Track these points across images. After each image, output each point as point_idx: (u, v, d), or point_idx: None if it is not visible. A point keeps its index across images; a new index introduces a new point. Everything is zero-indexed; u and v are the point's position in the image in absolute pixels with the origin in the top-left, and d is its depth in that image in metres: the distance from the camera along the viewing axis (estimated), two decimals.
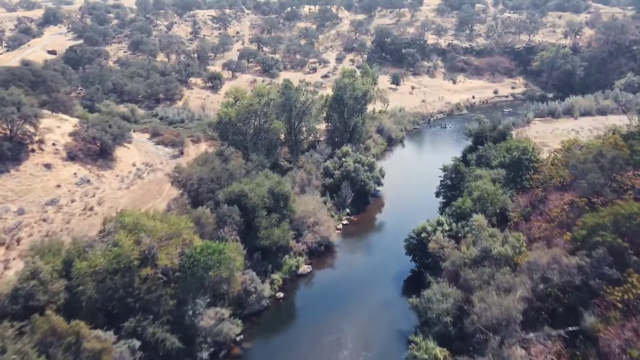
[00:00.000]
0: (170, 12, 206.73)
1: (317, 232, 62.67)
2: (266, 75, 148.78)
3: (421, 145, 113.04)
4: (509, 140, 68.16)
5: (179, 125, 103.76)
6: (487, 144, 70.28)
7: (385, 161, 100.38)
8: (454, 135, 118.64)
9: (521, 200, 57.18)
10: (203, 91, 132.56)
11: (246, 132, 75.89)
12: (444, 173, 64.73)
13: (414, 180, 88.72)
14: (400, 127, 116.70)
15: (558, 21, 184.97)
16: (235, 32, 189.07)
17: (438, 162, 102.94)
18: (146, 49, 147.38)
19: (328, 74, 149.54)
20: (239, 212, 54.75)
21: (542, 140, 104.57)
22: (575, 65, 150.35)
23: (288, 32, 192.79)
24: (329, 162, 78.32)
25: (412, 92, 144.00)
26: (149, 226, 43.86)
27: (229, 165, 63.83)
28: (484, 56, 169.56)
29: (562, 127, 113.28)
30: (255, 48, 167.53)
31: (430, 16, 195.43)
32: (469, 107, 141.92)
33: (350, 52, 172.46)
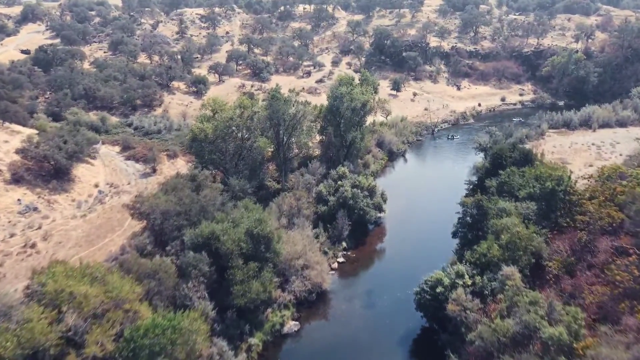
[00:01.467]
0: (157, 10, 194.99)
1: (307, 278, 51.50)
2: (256, 79, 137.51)
3: (426, 160, 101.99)
4: (538, 166, 56.98)
5: (155, 137, 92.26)
6: (510, 169, 59.20)
7: (386, 178, 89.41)
8: (462, 147, 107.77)
9: (560, 245, 46.18)
10: (186, 97, 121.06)
11: (225, 151, 64.55)
12: (462, 209, 53.39)
13: (420, 203, 77.80)
14: (402, 139, 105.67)
15: (567, 24, 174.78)
16: (224, 32, 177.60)
17: (446, 181, 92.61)
18: (126, 49, 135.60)
19: (323, 78, 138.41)
20: (208, 261, 43.45)
21: (561, 157, 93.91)
22: (588, 72, 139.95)
23: (281, 32, 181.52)
24: (322, 186, 67.09)
25: (414, 99, 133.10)
26: (78, 293, 32.51)
27: (201, 195, 52.53)
28: (490, 60, 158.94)
29: (581, 140, 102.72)
30: (245, 49, 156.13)
31: (431, 17, 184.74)
32: (475, 115, 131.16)
33: (347, 54, 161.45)
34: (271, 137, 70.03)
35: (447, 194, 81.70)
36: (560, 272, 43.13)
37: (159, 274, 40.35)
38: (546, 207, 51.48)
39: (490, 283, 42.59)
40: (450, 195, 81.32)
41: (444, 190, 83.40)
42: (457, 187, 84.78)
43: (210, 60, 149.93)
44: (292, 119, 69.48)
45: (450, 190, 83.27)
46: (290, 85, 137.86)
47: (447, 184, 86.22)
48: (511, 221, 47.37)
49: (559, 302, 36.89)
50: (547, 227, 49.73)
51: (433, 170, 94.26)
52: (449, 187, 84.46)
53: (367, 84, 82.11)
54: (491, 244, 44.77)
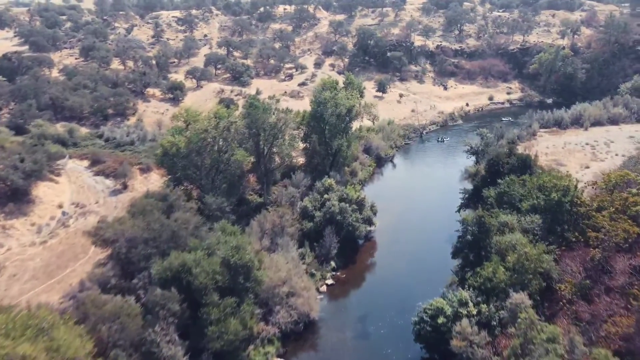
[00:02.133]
0: (132, 13, 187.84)
1: (292, 307, 46.35)
2: (236, 84, 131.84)
3: (415, 165, 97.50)
4: (541, 175, 52.60)
5: (127, 149, 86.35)
6: (510, 178, 54.84)
7: (375, 186, 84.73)
8: (452, 150, 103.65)
9: (570, 263, 41.80)
10: (162, 104, 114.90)
11: (201, 166, 59.07)
12: (462, 226, 48.73)
13: (412, 213, 73.19)
14: (389, 143, 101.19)
15: (552, 20, 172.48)
16: (202, 35, 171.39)
17: (438, 187, 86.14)
18: (98, 55, 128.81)
19: (306, 81, 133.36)
20: (178, 298, 38.08)
21: (555, 158, 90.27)
22: (576, 68, 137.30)
23: (261, 34, 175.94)
24: (307, 201, 61.95)
25: (401, 100, 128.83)
26: (16, 356, 26.93)
27: (172, 218, 47.06)
28: (476, 58, 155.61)
29: (574, 140, 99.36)
30: (224, 53, 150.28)
31: (415, 16, 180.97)
32: (464, 116, 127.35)
33: (329, 55, 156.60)
34: (251, 148, 64.79)
35: (439, 201, 77.46)
36: (574, 296, 38.75)
37: (121, 317, 34.88)
38: (552, 220, 47.18)
39: (498, 312, 37.99)
40: (443, 202, 77.11)
41: (437, 197, 79.10)
42: (450, 194, 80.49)
43: (188, 64, 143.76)
44: (272, 129, 64.27)
45: (443, 198, 79.08)
46: (271, 89, 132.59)
47: (439, 191, 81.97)
48: (516, 238, 42.89)
49: (579, 337, 32.42)
50: (554, 243, 45.40)
51: (424, 176, 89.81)
52: (441, 194, 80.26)
53: (352, 88, 77.23)
54: (496, 267, 40.16)
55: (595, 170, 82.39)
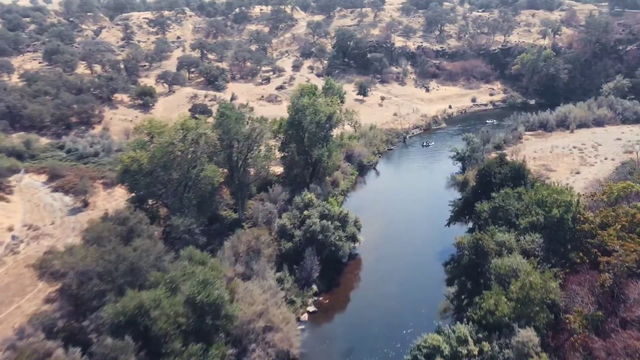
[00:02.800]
0: (101, 15, 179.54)
1: (270, 344, 41.20)
2: (211, 88, 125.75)
3: (400, 172, 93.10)
4: (539, 188, 48.48)
5: (91, 161, 79.79)
6: (505, 191, 50.70)
7: (358, 197, 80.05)
8: (437, 155, 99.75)
9: (578, 290, 37.65)
10: (130, 111, 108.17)
11: (167, 183, 53.41)
12: (457, 251, 44.27)
13: (398, 225, 68.71)
14: (372, 149, 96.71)
15: (532, 20, 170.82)
16: (175, 37, 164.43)
17: (424, 196, 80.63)
18: (62, 59, 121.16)
19: (284, 84, 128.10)
20: (133, 347, 32.56)
21: (544, 163, 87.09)
22: (558, 69, 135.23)
23: (237, 36, 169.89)
24: (286, 218, 56.79)
25: (382, 103, 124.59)
26: None
27: (131, 247, 41.39)
28: (457, 59, 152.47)
29: (561, 143, 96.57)
30: (198, 55, 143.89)
31: (395, 16, 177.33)
32: (447, 119, 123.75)
33: (308, 57, 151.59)
34: (223, 161, 59.36)
35: (427, 212, 73.16)
36: (585, 329, 34.54)
37: None
38: (553, 239, 43.09)
39: (502, 351, 33.55)
40: (430, 213, 72.78)
41: (423, 207, 74.79)
42: (437, 203, 76.16)
43: (160, 68, 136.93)
44: (246, 139, 58.94)
45: (431, 207, 74.80)
46: (248, 93, 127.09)
47: (426, 200, 77.74)
48: (517, 262, 38.58)
49: None
50: (556, 265, 41.30)
51: (409, 184, 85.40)
52: (428, 204, 76.04)
53: (332, 93, 72.38)
54: (498, 298, 35.74)
55: (586, 176, 79.43)
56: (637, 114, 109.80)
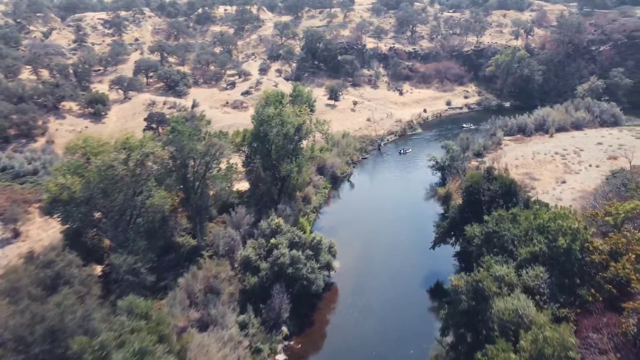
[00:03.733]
0: (52, 15, 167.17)
1: None
2: (171, 94, 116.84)
3: (376, 183, 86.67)
4: (540, 211, 42.64)
5: (28, 180, 70.24)
6: (498, 213, 44.81)
7: (332, 212, 73.12)
8: (414, 163, 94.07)
9: (595, 338, 31.77)
10: (80, 120, 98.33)
11: (108, 212, 45.20)
12: (453, 294, 37.78)
13: (376, 246, 62.14)
14: (345, 158, 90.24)
15: (503, 20, 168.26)
16: (133, 39, 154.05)
17: (404, 210, 73.72)
18: (2, 64, 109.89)
19: (250, 89, 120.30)
20: None
21: (527, 171, 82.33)
22: (532, 70, 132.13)
23: (200, 37, 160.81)
24: (250, 248, 49.37)
25: (355, 108, 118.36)
26: None
27: (53, 302, 33.23)
28: (430, 61, 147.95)
29: (541, 148, 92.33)
30: (158, 59, 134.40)
31: (365, 16, 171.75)
32: (422, 123, 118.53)
33: (276, 60, 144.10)
34: (177, 183, 51.47)
35: (408, 229, 66.90)
36: None
37: None
38: (559, 272, 37.25)
39: None
40: (412, 230, 66.66)
41: (404, 223, 68.51)
42: (418, 218, 70.41)
43: (116, 72, 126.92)
44: (203, 157, 51.22)
45: (412, 224, 68.64)
46: (211, 99, 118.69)
47: (406, 214, 71.54)
48: (522, 306, 32.44)
49: None
50: (565, 304, 35.47)
51: (387, 196, 79.00)
52: (409, 219, 69.90)
53: (301, 101, 65.32)
54: (506, 357, 29.37)
55: (572, 185, 74.89)
56: (614, 116, 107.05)
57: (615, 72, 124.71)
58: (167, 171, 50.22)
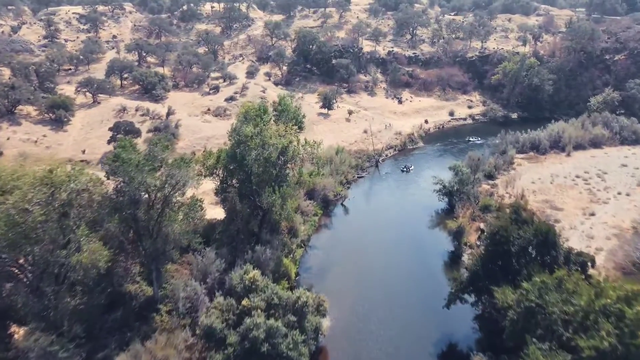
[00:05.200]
0: (25, 8, 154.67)
1: None
2: (147, 98, 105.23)
3: (374, 209, 75.27)
4: (606, 287, 31.79)
5: None
6: (541, 280, 34.02)
7: (323, 246, 61.75)
8: (415, 183, 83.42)
9: None
10: (38, 128, 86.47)
11: (24, 271, 33.80)
12: None
13: (376, 296, 51.01)
14: (339, 178, 79.33)
15: (508, 25, 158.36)
16: (110, 36, 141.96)
17: (407, 246, 61.64)
18: None
19: (235, 94, 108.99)
20: None
21: (546, 199, 71.74)
22: (543, 79, 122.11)
23: (184, 36, 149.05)
24: (215, 315, 38.15)
25: (350, 118, 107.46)
26: None
27: None
28: (431, 67, 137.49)
29: (560, 170, 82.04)
30: (135, 58, 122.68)
31: (362, 17, 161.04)
32: (424, 136, 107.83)
33: (265, 62, 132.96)
34: (121, 226, 40.11)
35: (413, 270, 56.01)
36: None
37: None
38: None
39: None
40: (418, 273, 55.89)
41: (408, 263, 57.52)
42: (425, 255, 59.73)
43: (88, 72, 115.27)
44: (159, 191, 39.94)
45: (418, 263, 57.70)
46: (192, 104, 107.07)
47: (411, 251, 60.49)
48: None
49: None
50: None
51: (386, 225, 67.84)
52: (414, 257, 58.91)
53: (288, 117, 54.21)
54: None
55: (604, 219, 64.02)
56: (636, 133, 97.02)
57: (632, 83, 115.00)
58: (110, 210, 38.78)
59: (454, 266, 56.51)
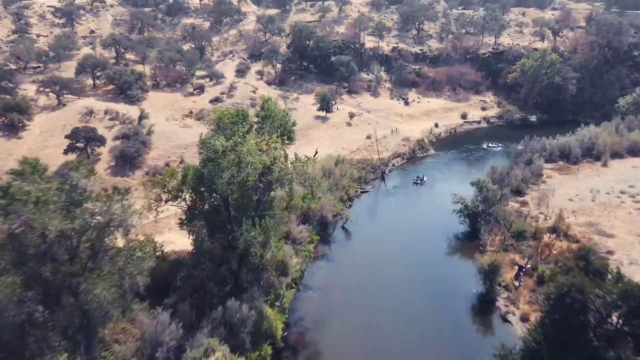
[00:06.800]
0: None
1: None
2: (123, 99, 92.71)
3: (379, 231, 62.25)
4: None
5: None
6: None
7: (318, 285, 48.80)
8: (428, 196, 71.24)
9: None
10: None
11: None
12: None
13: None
14: (339, 194, 66.93)
15: (522, 19, 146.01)
16: (88, 30, 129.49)
17: (422, 283, 48.64)
18: None
19: (221, 95, 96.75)
20: None
21: (589, 221, 59.21)
22: (565, 78, 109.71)
23: (170, 31, 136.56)
24: None
25: (351, 122, 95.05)
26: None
27: None
28: (440, 65, 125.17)
29: (598, 184, 69.65)
30: (113, 55, 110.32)
31: (363, 11, 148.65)
32: (434, 141, 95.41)
33: (257, 60, 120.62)
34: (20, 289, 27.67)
35: (436, 323, 43.00)
36: None
37: None
38: None
39: None
40: (444, 327, 43.06)
41: (427, 312, 44.80)
42: (446, 301, 47.25)
43: (59, 70, 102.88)
44: (79, 236, 27.47)
45: (439, 313, 44.99)
46: (172, 107, 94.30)
47: (428, 293, 47.65)
48: None
49: None
50: None
51: (397, 256, 55.14)
52: (433, 302, 45.92)
53: (273, 126, 41.73)
54: None
55: None
56: None
57: None
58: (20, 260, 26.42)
59: (488, 316, 44.25)
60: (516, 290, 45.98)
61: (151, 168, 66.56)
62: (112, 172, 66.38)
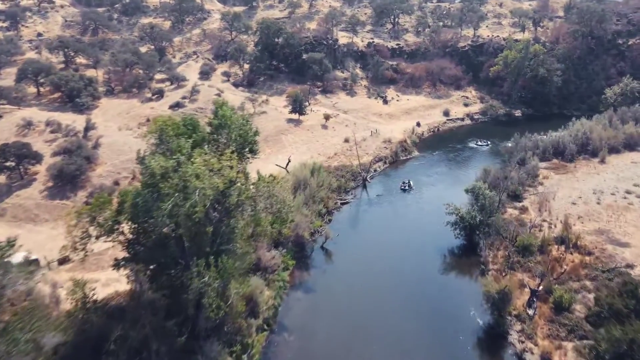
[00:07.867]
0: None
1: None
2: (70, 109, 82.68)
3: (363, 249, 54.44)
4: None
5: None
6: None
7: (295, 324, 40.22)
8: (415, 203, 63.80)
9: None
10: None
11: None
12: None
13: None
14: (317, 208, 58.85)
15: (500, 10, 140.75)
16: (35, 33, 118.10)
17: (415, 316, 39.94)
18: None
19: (183, 100, 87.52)
20: None
21: (598, 227, 52.36)
22: (550, 69, 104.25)
23: (127, 32, 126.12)
24: None
25: (327, 124, 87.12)
26: None
27: None
28: (418, 59, 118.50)
29: (600, 183, 63.38)
30: (61, 59, 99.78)
31: (335, 5, 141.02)
32: (417, 142, 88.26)
33: (223, 60, 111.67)
34: None
35: None
36: None
37: None
38: None
39: None
40: None
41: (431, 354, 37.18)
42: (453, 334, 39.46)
43: (0, 78, 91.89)
44: None
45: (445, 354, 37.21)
46: (128, 114, 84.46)
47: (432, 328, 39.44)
48: None
49: None
50: None
51: (388, 280, 47.29)
52: (438, 342, 37.89)
53: (230, 138, 33.30)
54: None
55: None
56: None
57: None
58: None
59: (499, 355, 36.78)
60: (531, 320, 38.63)
61: (96, 188, 57.12)
62: (49, 194, 56.66)
